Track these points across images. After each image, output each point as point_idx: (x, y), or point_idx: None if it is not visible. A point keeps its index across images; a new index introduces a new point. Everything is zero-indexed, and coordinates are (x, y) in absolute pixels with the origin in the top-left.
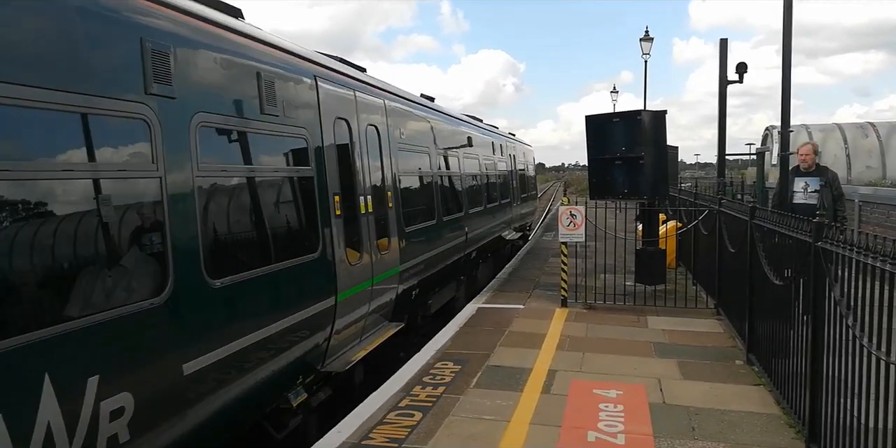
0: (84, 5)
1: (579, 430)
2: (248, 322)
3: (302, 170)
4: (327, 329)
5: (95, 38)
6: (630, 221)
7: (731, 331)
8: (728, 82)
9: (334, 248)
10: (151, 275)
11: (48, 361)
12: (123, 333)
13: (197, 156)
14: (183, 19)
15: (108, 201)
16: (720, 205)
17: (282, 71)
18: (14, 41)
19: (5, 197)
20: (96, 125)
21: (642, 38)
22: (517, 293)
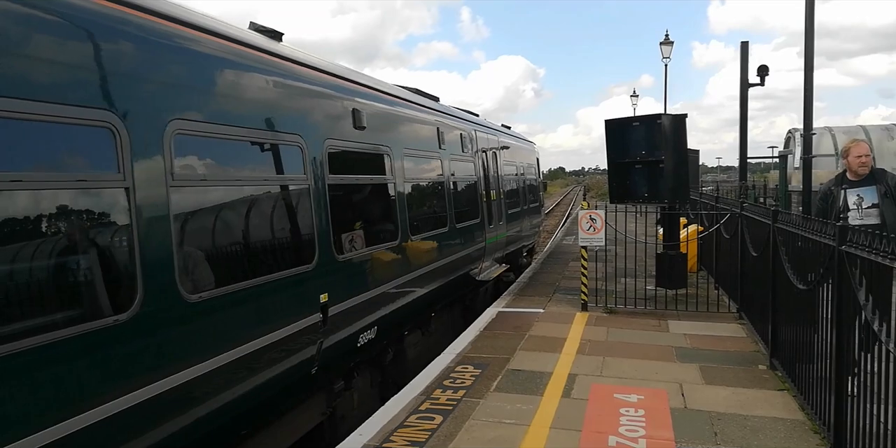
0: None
1: (600, 435)
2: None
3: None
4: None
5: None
6: (651, 225)
7: (753, 335)
8: (749, 85)
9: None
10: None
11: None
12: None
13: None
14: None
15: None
16: (742, 208)
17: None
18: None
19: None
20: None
21: (662, 42)
22: (537, 297)
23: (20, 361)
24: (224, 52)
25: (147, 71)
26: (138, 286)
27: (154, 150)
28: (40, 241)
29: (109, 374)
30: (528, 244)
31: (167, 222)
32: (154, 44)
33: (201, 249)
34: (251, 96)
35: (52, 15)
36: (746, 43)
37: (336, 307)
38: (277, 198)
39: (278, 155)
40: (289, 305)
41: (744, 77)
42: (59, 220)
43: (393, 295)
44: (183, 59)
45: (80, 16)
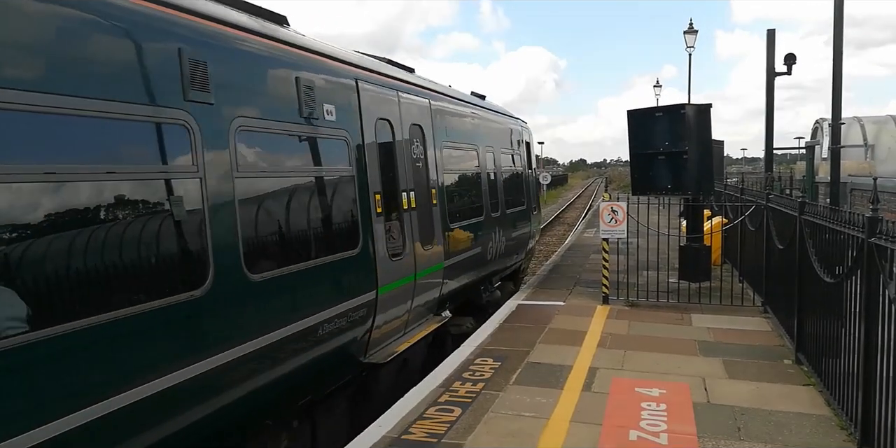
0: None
1: (621, 429)
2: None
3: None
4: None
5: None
6: (674, 218)
7: (778, 329)
8: (776, 74)
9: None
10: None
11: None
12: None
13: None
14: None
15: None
16: (768, 200)
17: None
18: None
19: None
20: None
21: (686, 31)
22: (557, 290)
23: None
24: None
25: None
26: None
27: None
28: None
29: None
30: (511, 266)
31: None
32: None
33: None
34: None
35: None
36: (773, 31)
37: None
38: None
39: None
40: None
41: (770, 66)
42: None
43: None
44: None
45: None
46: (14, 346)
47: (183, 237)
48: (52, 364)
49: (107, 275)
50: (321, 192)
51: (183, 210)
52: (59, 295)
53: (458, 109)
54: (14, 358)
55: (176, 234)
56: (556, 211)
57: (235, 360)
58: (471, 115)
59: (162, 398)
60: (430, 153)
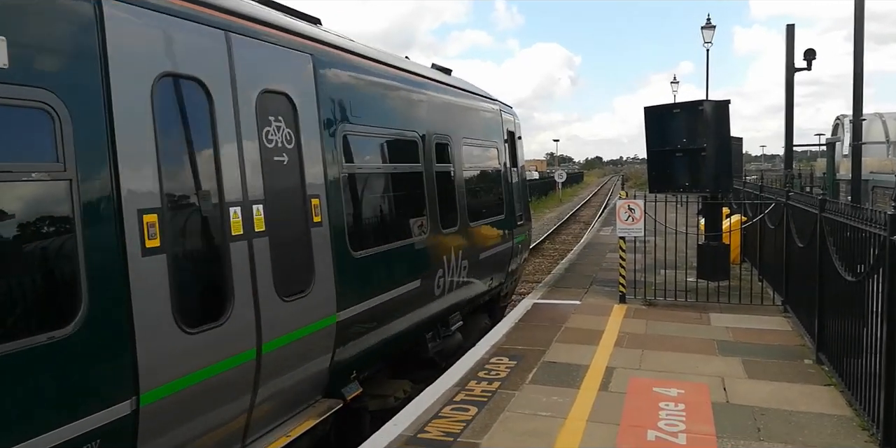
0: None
1: (638, 429)
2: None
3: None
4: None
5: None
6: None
7: (799, 329)
8: (795, 70)
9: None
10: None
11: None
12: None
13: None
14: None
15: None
16: (788, 197)
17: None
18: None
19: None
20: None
21: (704, 27)
22: (573, 289)
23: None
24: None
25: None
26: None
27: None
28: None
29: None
30: (484, 294)
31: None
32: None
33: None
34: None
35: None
36: (792, 26)
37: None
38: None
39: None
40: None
41: (789, 61)
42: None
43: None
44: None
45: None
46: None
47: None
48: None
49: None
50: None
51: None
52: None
53: (384, 80)
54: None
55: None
56: (571, 209)
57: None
58: (411, 90)
59: None
60: (312, 142)
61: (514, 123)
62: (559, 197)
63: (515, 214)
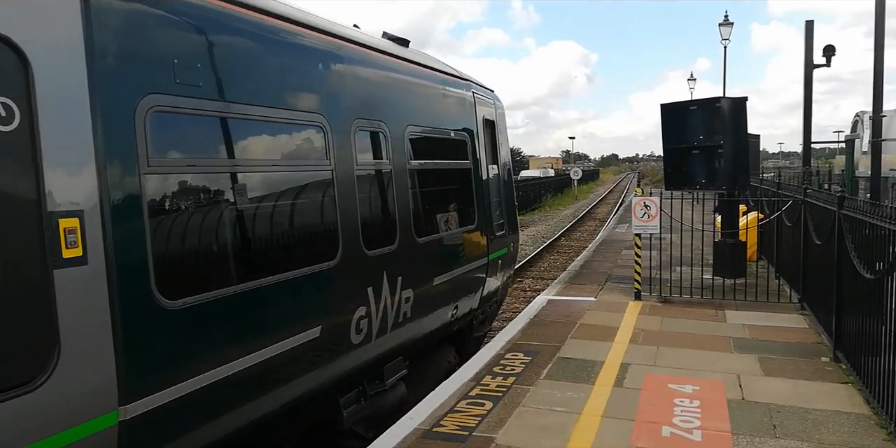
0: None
1: (653, 425)
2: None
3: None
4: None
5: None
6: (708, 213)
7: (816, 326)
8: (814, 66)
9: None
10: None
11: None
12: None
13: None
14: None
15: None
16: (805, 194)
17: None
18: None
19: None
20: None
21: (721, 23)
22: (589, 285)
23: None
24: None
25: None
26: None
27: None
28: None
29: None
30: (445, 327)
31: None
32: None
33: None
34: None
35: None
36: (811, 22)
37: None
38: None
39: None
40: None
41: (808, 58)
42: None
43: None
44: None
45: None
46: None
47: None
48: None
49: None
50: None
51: None
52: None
53: (252, 33)
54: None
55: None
56: (587, 206)
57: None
58: (312, 54)
59: None
60: (70, 123)
61: (493, 110)
62: (575, 194)
63: (492, 223)
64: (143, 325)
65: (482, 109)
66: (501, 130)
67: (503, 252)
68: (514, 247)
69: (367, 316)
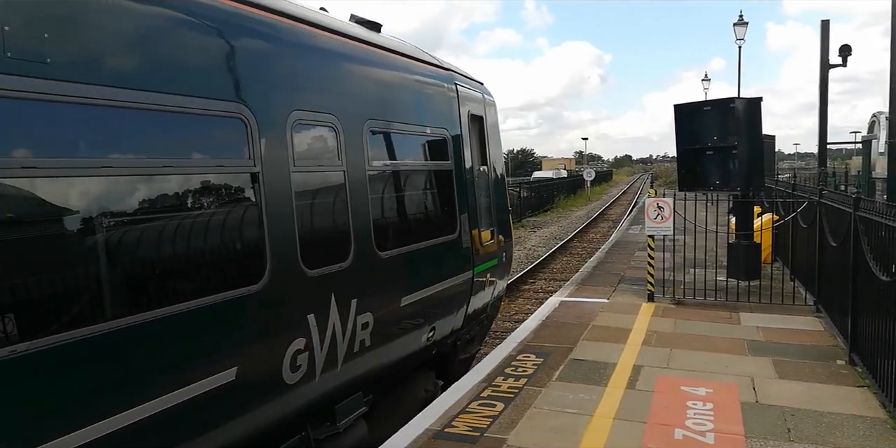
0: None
1: (666, 428)
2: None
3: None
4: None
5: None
6: (722, 214)
7: (831, 329)
8: (830, 66)
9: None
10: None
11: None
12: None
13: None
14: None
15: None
16: (821, 196)
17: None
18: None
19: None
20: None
21: (736, 23)
22: (601, 287)
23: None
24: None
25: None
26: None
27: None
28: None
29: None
30: (416, 354)
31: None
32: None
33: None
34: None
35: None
36: (827, 21)
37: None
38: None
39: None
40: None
41: (824, 58)
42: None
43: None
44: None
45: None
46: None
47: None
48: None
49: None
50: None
51: None
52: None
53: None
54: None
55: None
56: (600, 207)
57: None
58: (228, 29)
59: None
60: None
61: (482, 105)
62: (588, 195)
63: (479, 232)
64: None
65: (468, 104)
66: (492, 127)
67: (492, 264)
68: (507, 257)
69: (308, 349)
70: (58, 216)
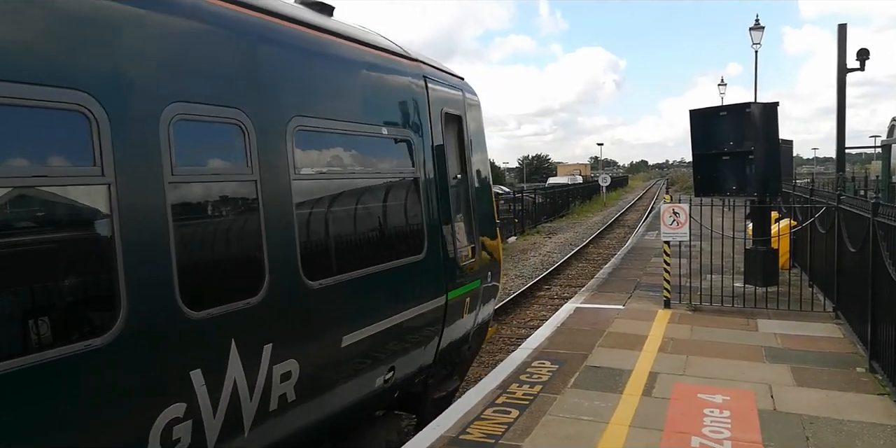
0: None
1: (682, 435)
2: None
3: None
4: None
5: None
6: (739, 220)
7: (851, 336)
8: (848, 70)
9: None
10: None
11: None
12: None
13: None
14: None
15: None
16: (839, 201)
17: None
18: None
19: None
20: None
21: (752, 28)
22: (617, 293)
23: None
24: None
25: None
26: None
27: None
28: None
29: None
30: (374, 399)
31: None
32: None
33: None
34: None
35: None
36: (844, 25)
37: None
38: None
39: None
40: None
41: (841, 62)
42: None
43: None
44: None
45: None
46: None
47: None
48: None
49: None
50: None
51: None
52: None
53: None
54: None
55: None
56: (616, 213)
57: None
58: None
59: None
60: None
61: (461, 103)
62: (603, 201)
63: (455, 250)
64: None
65: (442, 101)
66: (474, 129)
67: (473, 286)
68: (494, 276)
69: (193, 416)
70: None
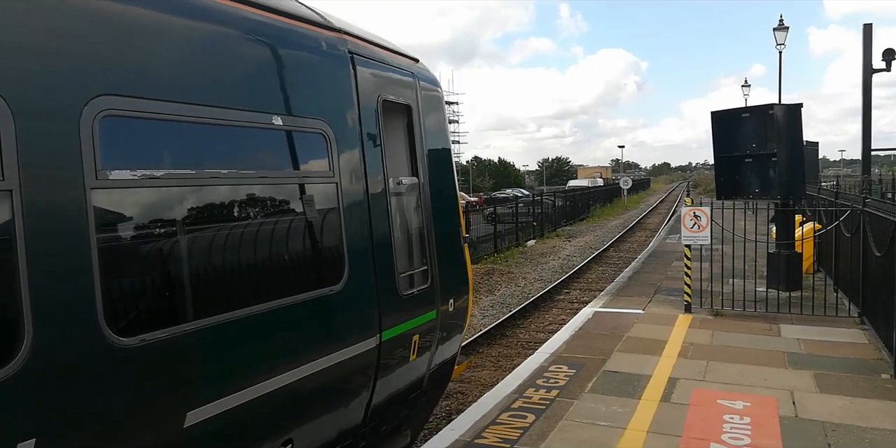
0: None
1: (701, 442)
2: None
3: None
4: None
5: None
6: (762, 223)
7: (876, 341)
8: (873, 71)
9: None
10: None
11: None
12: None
13: None
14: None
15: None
16: (864, 204)
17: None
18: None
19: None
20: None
21: (776, 28)
22: (637, 297)
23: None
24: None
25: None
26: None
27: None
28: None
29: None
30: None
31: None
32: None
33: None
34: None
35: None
36: (870, 25)
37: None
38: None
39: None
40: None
41: (867, 62)
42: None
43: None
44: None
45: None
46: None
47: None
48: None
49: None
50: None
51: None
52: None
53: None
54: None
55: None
56: (637, 216)
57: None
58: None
59: None
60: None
61: (411, 90)
62: (624, 204)
63: (394, 278)
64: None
65: (378, 86)
66: (432, 124)
67: (424, 320)
68: (457, 305)
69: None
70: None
